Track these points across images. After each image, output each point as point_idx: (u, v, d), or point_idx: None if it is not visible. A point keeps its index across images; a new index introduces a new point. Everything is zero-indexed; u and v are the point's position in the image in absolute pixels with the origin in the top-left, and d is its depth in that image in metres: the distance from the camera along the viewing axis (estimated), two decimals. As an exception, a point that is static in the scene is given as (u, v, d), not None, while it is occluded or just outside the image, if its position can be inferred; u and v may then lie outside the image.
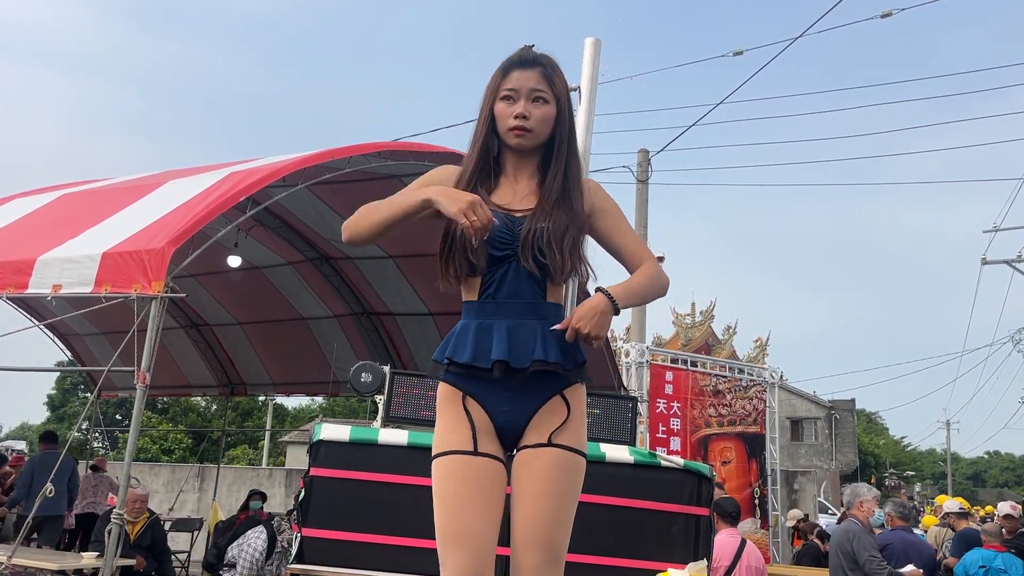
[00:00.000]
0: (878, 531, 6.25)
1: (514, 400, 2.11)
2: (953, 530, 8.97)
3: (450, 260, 2.17)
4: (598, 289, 2.17)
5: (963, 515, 9.45)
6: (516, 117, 2.17)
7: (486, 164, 2.23)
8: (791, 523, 11.34)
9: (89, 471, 10.97)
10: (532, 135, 2.19)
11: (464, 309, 2.20)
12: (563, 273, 2.14)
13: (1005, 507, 7.54)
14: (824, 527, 10.81)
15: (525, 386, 2.11)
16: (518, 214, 2.16)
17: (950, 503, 10.16)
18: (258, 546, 6.43)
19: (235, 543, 6.75)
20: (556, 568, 2.05)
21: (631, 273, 2.26)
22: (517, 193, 2.21)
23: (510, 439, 2.15)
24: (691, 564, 4.43)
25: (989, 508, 13.00)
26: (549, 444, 2.09)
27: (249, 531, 6.91)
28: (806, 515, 11.29)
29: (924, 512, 17.27)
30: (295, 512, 6.82)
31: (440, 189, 2.10)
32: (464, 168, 2.26)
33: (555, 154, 2.22)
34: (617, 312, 2.14)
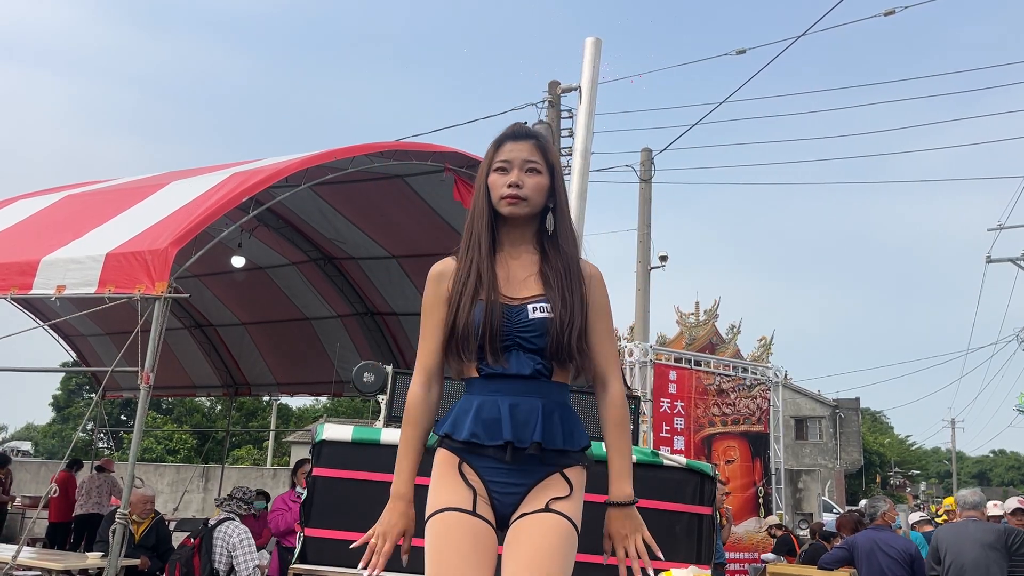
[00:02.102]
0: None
1: (512, 474, 2.09)
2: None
3: (451, 355, 2.17)
4: (616, 504, 2.15)
5: (927, 522, 9.40)
6: (509, 186, 2.17)
7: (482, 239, 2.20)
8: (764, 529, 11.33)
9: (94, 472, 11.02)
10: (525, 203, 2.17)
11: (466, 385, 2.19)
12: (566, 361, 2.13)
13: (1013, 502, 7.31)
14: (825, 526, 10.79)
15: (524, 464, 2.09)
16: (515, 303, 2.14)
17: (914, 515, 10.09)
18: (245, 540, 6.11)
19: (216, 552, 6.23)
20: None
21: (591, 373, 2.24)
22: (513, 273, 2.19)
23: (503, 514, 2.11)
24: (692, 568, 4.43)
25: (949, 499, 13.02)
26: (547, 510, 2.05)
27: (222, 533, 6.15)
28: (781, 523, 11.27)
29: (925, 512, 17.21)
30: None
31: (385, 520, 2.17)
32: (462, 247, 2.23)
33: (556, 229, 2.23)
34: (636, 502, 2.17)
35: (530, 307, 2.12)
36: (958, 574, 5.77)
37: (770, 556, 10.38)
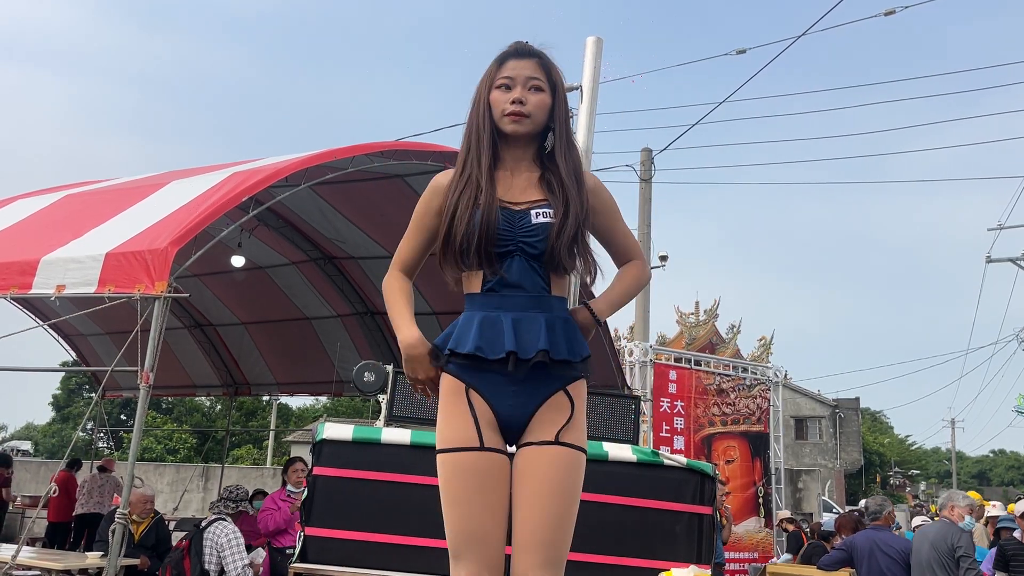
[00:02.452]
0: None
1: (518, 394, 2.11)
2: None
3: (447, 263, 2.18)
4: (583, 304, 2.26)
5: None
6: (513, 103, 2.16)
7: (482, 154, 2.20)
8: (776, 523, 11.40)
9: (95, 471, 11.03)
10: (529, 120, 2.17)
11: (467, 301, 2.20)
12: (567, 268, 2.15)
13: (1023, 505, 7.25)
14: (823, 526, 10.81)
15: (529, 380, 2.11)
16: (518, 207, 2.15)
17: (917, 519, 10.08)
18: (233, 540, 6.19)
19: (206, 553, 6.09)
20: (558, 570, 2.04)
21: (617, 264, 2.34)
22: (514, 185, 2.19)
23: (511, 433, 2.14)
24: (692, 567, 4.42)
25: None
26: (556, 442, 2.08)
27: (211, 534, 6.21)
28: (792, 517, 11.34)
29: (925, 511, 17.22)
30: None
31: (407, 355, 2.20)
32: (459, 164, 2.23)
33: (556, 145, 2.21)
34: (600, 324, 2.24)
35: (533, 212, 2.14)
36: (914, 571, 6.05)
37: (787, 556, 10.41)
